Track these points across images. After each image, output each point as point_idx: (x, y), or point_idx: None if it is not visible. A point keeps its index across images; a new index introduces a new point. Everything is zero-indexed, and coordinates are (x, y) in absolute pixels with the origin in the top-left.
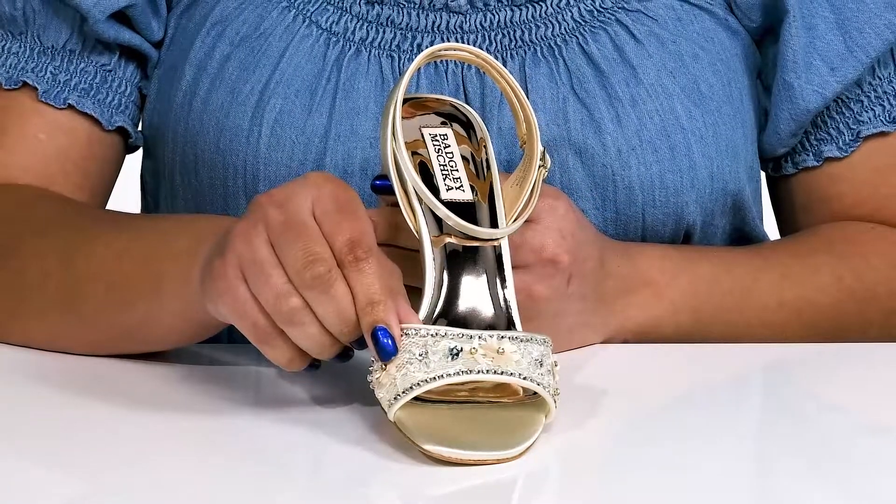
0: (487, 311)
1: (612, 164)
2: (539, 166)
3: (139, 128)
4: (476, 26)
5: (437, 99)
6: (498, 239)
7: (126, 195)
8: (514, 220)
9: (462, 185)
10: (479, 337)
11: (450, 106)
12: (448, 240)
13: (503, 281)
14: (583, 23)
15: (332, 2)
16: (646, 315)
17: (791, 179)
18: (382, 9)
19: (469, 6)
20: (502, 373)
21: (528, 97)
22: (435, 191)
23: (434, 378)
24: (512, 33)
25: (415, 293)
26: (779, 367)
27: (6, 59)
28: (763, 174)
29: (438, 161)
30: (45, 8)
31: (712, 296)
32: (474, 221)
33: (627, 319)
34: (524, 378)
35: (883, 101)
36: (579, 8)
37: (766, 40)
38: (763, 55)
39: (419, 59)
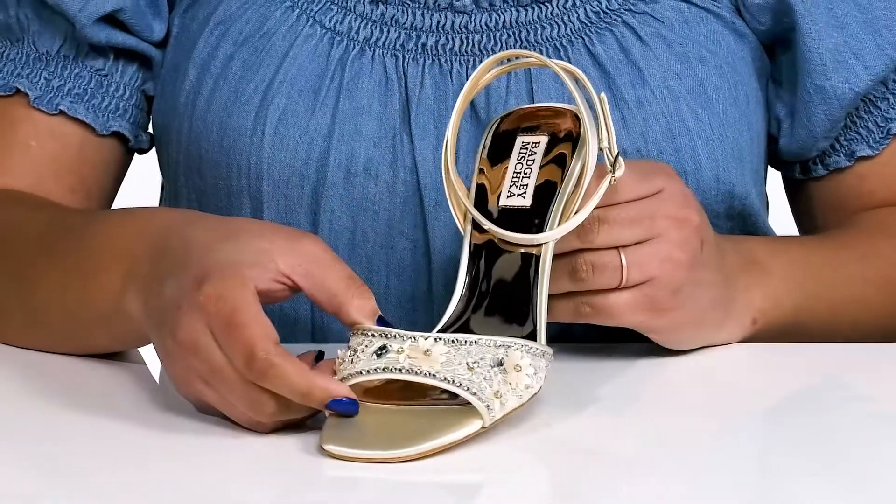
0: (514, 318)
1: None
2: (608, 172)
3: (148, 128)
4: (481, 26)
5: (552, 108)
6: (539, 245)
7: (137, 193)
8: (559, 226)
9: (525, 193)
10: (413, 338)
11: (568, 112)
12: (491, 238)
13: (537, 285)
14: (589, 24)
15: (336, 1)
16: (764, 291)
17: (820, 181)
18: (387, 8)
19: (474, 6)
20: (417, 372)
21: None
22: (496, 197)
23: (356, 374)
24: (517, 34)
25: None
26: (785, 365)
27: (3, 65)
28: (774, 178)
29: (515, 168)
30: (37, 15)
31: (810, 271)
32: (524, 226)
33: (751, 296)
34: (443, 379)
35: None
36: (585, 9)
37: (778, 45)
38: (776, 60)
39: (484, 67)
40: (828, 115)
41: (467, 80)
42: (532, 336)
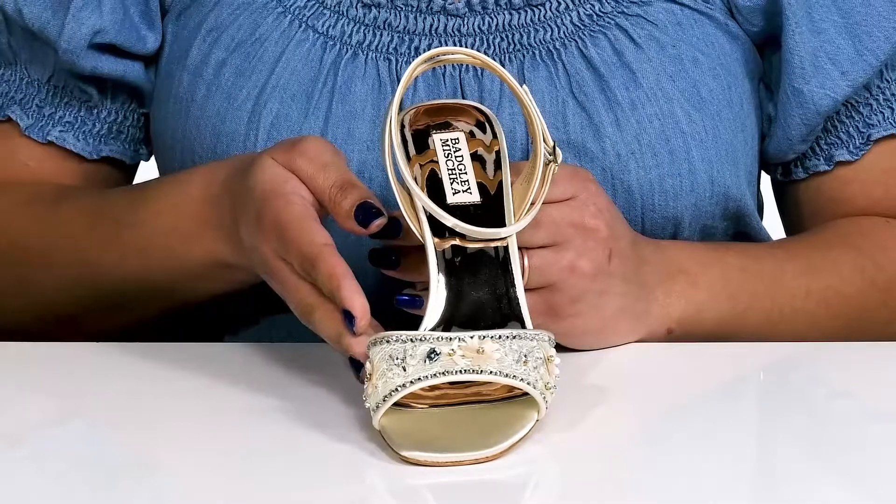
0: (494, 312)
1: (611, 168)
2: (549, 161)
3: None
4: (474, 29)
5: (452, 104)
6: (503, 238)
7: None
8: (521, 219)
9: (469, 188)
10: (459, 339)
11: (469, 108)
12: (453, 242)
13: (511, 280)
14: (582, 27)
15: (329, 6)
16: (686, 302)
17: (801, 184)
18: (380, 12)
19: (467, 9)
20: (480, 371)
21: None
22: (441, 195)
23: (411, 382)
24: (510, 37)
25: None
26: (784, 364)
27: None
28: (768, 179)
29: (447, 165)
30: (28, 44)
31: (745, 283)
32: (480, 222)
33: (670, 307)
34: (505, 375)
35: (892, 103)
36: (579, 12)
37: (768, 46)
38: (766, 61)
39: (414, 65)
40: (803, 120)
41: (460, 82)
42: (515, 325)
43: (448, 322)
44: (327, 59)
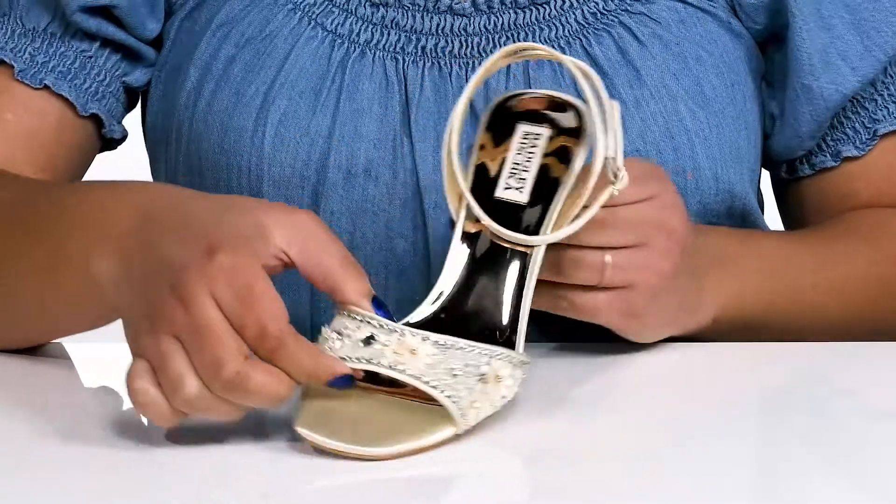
0: (494, 316)
1: None
2: (610, 183)
3: (122, 120)
4: (480, 29)
5: (562, 100)
6: (530, 246)
7: None
8: (551, 233)
9: (523, 188)
10: (401, 333)
11: (571, 107)
12: (484, 233)
13: (521, 290)
14: (586, 25)
15: (338, 4)
16: (729, 291)
17: (806, 181)
18: (387, 11)
19: (473, 9)
20: (402, 371)
21: None
22: (492, 185)
23: (339, 357)
24: (515, 36)
25: None
26: (784, 364)
27: None
28: (767, 177)
29: (514, 158)
30: None
31: (777, 272)
32: (517, 225)
33: (717, 297)
34: (425, 382)
35: None
36: (583, 10)
37: (771, 44)
38: (768, 59)
39: (494, 58)
40: (813, 116)
41: (467, 82)
42: (510, 335)
43: (446, 310)
44: (335, 57)
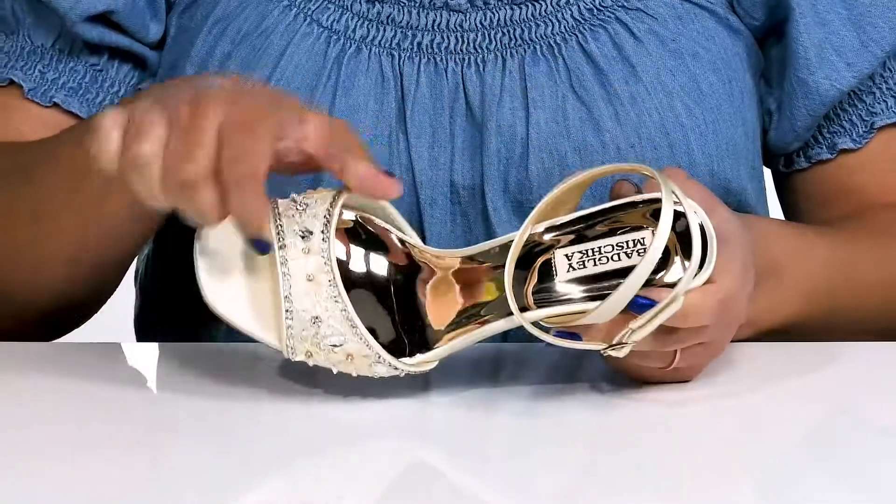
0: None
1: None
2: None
3: None
4: (476, 25)
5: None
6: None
7: None
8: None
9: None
10: (326, 250)
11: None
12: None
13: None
14: (582, 21)
15: (333, 0)
16: (772, 301)
17: (803, 174)
18: (383, 7)
19: (469, 4)
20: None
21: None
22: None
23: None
24: (511, 31)
25: None
26: (785, 364)
27: None
28: (769, 172)
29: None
30: (32, 8)
31: (824, 280)
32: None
33: (763, 309)
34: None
35: (895, 91)
36: (579, 6)
37: (769, 39)
38: (766, 54)
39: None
40: (809, 111)
41: (462, 77)
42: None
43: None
44: (331, 54)
